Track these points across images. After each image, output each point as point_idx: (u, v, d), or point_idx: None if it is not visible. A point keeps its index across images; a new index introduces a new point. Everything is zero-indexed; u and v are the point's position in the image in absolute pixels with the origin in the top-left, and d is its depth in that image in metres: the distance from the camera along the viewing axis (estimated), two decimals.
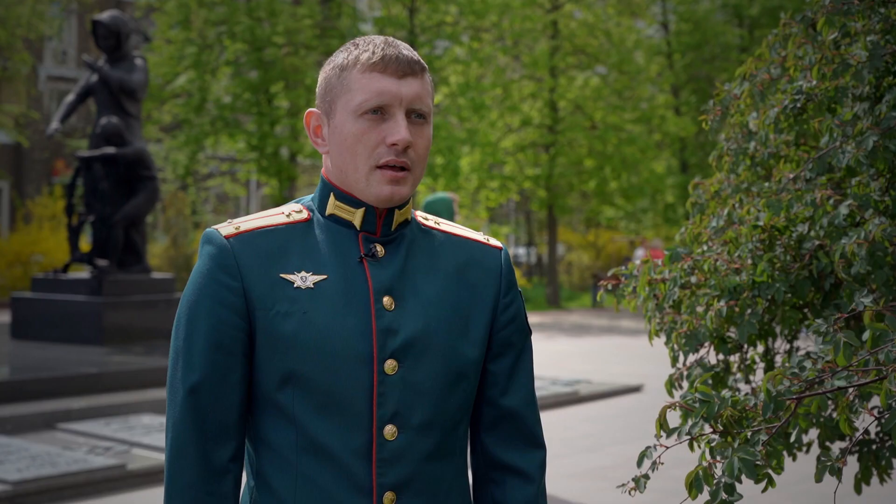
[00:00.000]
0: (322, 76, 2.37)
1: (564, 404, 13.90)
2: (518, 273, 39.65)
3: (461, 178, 34.50)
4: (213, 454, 2.26)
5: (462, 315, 2.39)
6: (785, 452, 3.48)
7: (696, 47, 38.08)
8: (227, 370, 2.26)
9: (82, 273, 16.07)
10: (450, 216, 10.26)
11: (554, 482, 9.19)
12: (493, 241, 2.53)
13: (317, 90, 2.39)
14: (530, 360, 2.52)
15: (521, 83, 36.39)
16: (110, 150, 15.20)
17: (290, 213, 2.38)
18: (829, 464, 2.84)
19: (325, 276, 2.29)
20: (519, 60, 38.07)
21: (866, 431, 3.68)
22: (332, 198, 2.36)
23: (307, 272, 2.29)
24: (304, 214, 2.38)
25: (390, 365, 2.27)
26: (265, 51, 29.74)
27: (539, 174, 35.76)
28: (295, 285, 2.27)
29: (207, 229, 2.34)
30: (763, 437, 2.85)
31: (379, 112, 2.27)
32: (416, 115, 2.30)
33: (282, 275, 2.28)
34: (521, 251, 52.95)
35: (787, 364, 3.14)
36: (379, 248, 2.34)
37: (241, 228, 2.32)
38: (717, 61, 37.82)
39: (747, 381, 3.95)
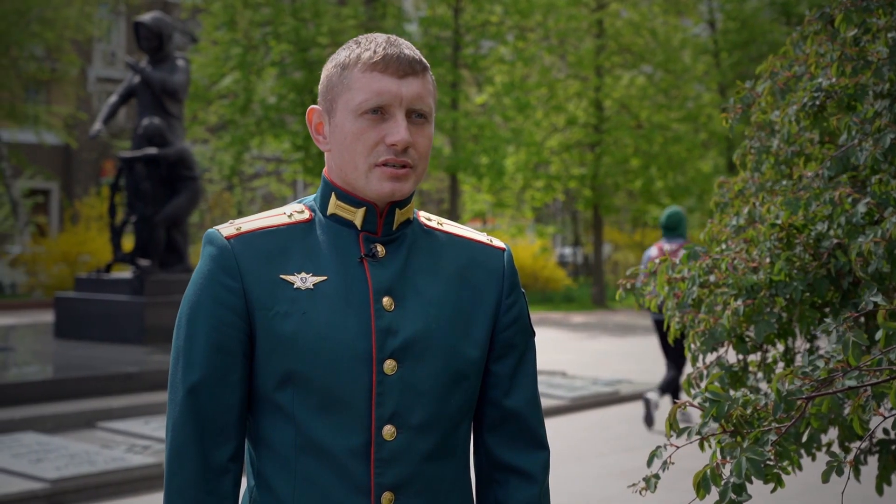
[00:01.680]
0: (324, 73, 2.37)
1: (605, 404, 13.87)
2: (563, 273, 39.60)
3: (506, 178, 34.52)
4: (212, 454, 2.27)
5: (463, 315, 2.38)
6: (803, 452, 3.46)
7: (743, 46, 37.77)
8: (227, 370, 2.27)
9: (125, 273, 16.18)
10: (685, 225, 10.93)
11: (591, 482, 9.18)
12: (497, 242, 2.52)
13: (319, 87, 2.39)
14: (533, 362, 2.51)
15: (566, 82, 36.32)
16: (152, 150, 15.29)
17: (291, 214, 2.38)
18: (835, 464, 2.81)
19: (325, 277, 2.29)
20: (564, 59, 37.98)
21: (885, 431, 3.65)
22: (333, 197, 2.36)
23: (307, 273, 2.29)
24: (306, 215, 2.38)
25: (389, 365, 2.27)
26: (310, 51, 29.82)
27: (584, 174, 35.66)
28: (295, 286, 2.27)
29: (209, 230, 2.34)
30: (772, 438, 2.83)
31: (379, 112, 2.26)
32: (416, 115, 2.30)
33: (282, 276, 2.28)
34: (568, 251, 52.87)
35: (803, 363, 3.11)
36: (379, 248, 2.34)
37: (243, 229, 2.33)
38: (765, 60, 37.50)
39: (768, 381, 3.92)
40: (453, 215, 33.63)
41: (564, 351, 20.57)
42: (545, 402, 13.12)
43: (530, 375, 2.49)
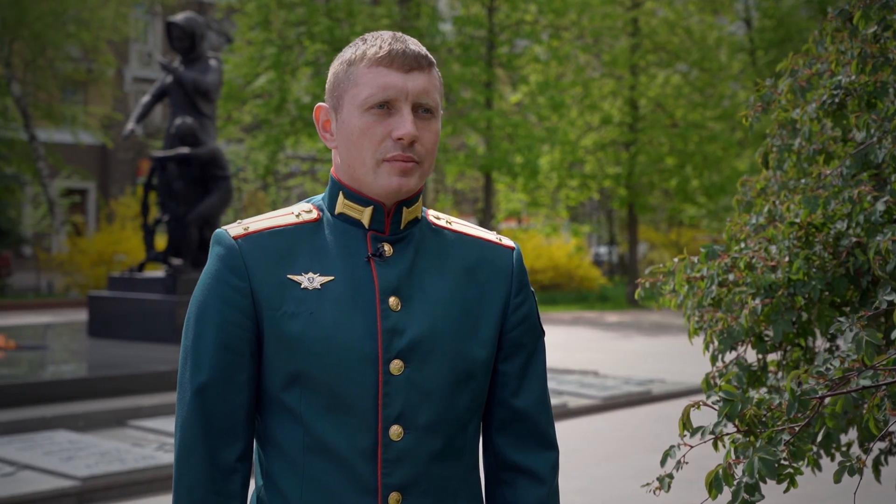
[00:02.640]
0: (331, 71, 2.36)
1: (636, 404, 13.83)
2: (598, 272, 39.49)
3: (541, 177, 34.49)
4: (220, 454, 2.26)
5: (470, 315, 2.36)
6: (822, 453, 3.43)
7: (779, 44, 37.51)
8: (235, 370, 2.26)
9: (158, 272, 16.25)
10: None
11: (619, 482, 9.15)
12: (506, 241, 2.50)
13: (326, 85, 2.38)
14: (542, 361, 2.49)
15: (601, 81, 36.27)
16: (184, 150, 15.36)
17: (299, 214, 2.37)
18: (847, 464, 2.79)
19: (332, 277, 2.28)
20: (599, 58, 37.91)
21: None
22: (340, 196, 2.35)
23: (314, 273, 2.28)
24: (314, 214, 2.37)
25: (396, 365, 2.26)
26: None
27: (619, 172, 35.60)
28: (302, 286, 2.26)
29: (217, 230, 2.34)
30: (786, 437, 2.80)
31: (385, 106, 2.25)
32: (422, 110, 2.28)
33: (289, 276, 2.27)
34: (603, 250, 52.78)
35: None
36: (387, 247, 2.33)
37: (250, 229, 2.32)
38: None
39: None
40: (487, 214, 33.65)
41: (597, 350, 20.53)
42: (577, 402, 13.12)
43: (539, 375, 2.48)
